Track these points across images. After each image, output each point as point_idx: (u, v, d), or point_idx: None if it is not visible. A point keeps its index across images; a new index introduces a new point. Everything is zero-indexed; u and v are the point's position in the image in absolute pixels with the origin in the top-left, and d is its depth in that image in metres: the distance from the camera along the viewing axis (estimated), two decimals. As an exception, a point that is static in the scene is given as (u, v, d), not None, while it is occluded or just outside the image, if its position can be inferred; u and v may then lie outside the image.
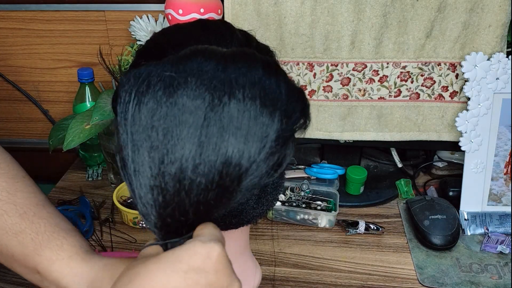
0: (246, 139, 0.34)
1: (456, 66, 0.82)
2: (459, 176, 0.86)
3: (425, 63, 0.82)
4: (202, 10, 0.76)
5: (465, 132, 0.82)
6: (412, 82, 0.84)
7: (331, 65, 0.84)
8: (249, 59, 0.36)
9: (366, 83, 0.84)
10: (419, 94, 0.85)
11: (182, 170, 0.33)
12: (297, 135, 0.39)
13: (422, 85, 0.84)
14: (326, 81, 0.85)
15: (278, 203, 0.86)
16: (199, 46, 0.37)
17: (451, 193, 0.90)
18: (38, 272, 0.45)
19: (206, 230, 0.35)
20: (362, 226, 0.83)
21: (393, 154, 0.97)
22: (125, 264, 0.44)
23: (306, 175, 0.94)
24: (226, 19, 0.81)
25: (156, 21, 0.98)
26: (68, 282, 0.44)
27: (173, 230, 0.36)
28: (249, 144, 0.34)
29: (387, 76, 0.84)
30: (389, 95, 0.85)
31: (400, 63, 0.83)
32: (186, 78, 0.34)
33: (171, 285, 0.32)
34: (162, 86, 0.34)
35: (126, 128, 0.34)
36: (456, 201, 0.86)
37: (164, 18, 0.98)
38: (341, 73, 0.84)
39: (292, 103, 0.36)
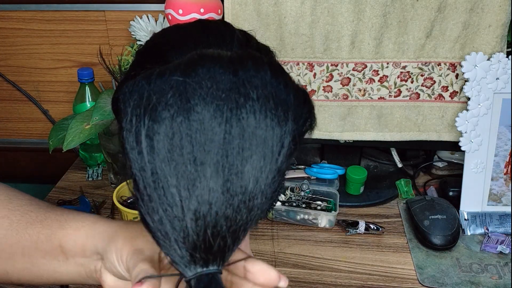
0: (265, 152, 0.33)
1: (456, 66, 0.82)
2: (459, 176, 0.86)
3: (425, 63, 0.82)
4: (202, 10, 0.76)
5: (465, 132, 0.82)
6: (412, 82, 0.84)
7: (331, 65, 0.84)
8: (257, 63, 0.35)
9: (366, 83, 0.84)
10: (419, 94, 0.85)
11: (212, 193, 0.32)
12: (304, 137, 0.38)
13: (422, 85, 0.84)
14: (326, 81, 0.85)
15: (278, 203, 0.86)
16: (205, 51, 0.36)
17: (451, 193, 0.90)
18: (61, 249, 0.46)
19: None
20: (362, 226, 0.83)
21: (393, 154, 0.97)
22: (138, 225, 0.44)
23: (306, 175, 0.94)
24: (226, 19, 0.81)
25: (156, 21, 0.98)
26: (93, 241, 0.45)
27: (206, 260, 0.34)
28: (267, 157, 0.33)
29: (387, 76, 0.84)
30: (389, 95, 0.85)
31: (400, 63, 0.83)
32: (200, 92, 0.32)
33: None
34: (177, 103, 0.32)
35: (141, 153, 0.32)
36: (456, 201, 0.86)
37: (164, 18, 0.98)
38: (341, 73, 0.84)
39: (300, 106, 0.36)
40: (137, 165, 0.33)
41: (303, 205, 0.86)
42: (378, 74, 0.84)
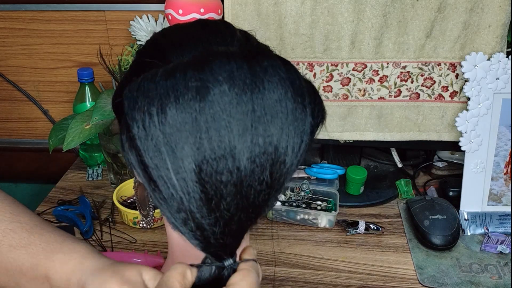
0: (288, 135, 0.33)
1: (456, 66, 0.82)
2: (459, 176, 0.86)
3: (425, 63, 0.82)
4: (202, 10, 0.76)
5: (465, 132, 0.82)
6: (412, 82, 0.84)
7: (331, 65, 0.84)
8: (267, 54, 0.35)
9: (366, 83, 0.84)
10: (419, 94, 0.85)
11: (241, 178, 0.32)
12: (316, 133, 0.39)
13: (422, 85, 0.84)
14: (326, 81, 0.85)
15: (278, 203, 0.86)
16: (214, 48, 0.36)
17: (451, 193, 0.90)
18: (47, 279, 0.45)
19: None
20: (362, 226, 0.83)
21: (393, 154, 0.97)
22: (127, 265, 0.44)
23: (306, 175, 0.94)
24: (226, 19, 0.81)
25: (156, 21, 0.98)
26: (79, 276, 0.44)
27: (227, 243, 0.35)
28: (291, 139, 0.33)
29: (387, 76, 0.84)
30: (389, 95, 0.85)
31: (400, 63, 0.83)
32: (216, 82, 0.32)
33: None
34: (194, 95, 0.32)
35: (153, 142, 0.32)
36: (456, 201, 0.86)
37: (164, 18, 0.98)
38: (341, 73, 0.84)
39: (312, 96, 0.36)
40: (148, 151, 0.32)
41: (303, 205, 0.86)
42: (378, 74, 0.84)
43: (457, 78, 0.83)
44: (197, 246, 0.35)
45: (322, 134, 0.37)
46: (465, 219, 0.85)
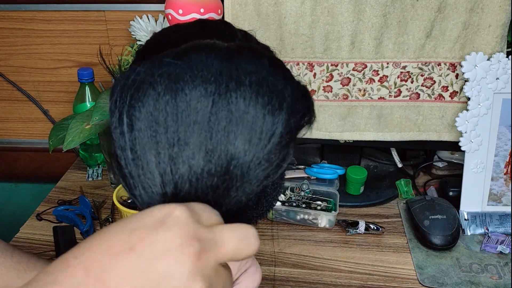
0: (251, 137, 0.33)
1: (456, 66, 0.82)
2: (459, 176, 0.86)
3: (425, 63, 0.82)
4: (202, 10, 0.76)
5: (465, 132, 0.82)
6: (412, 82, 0.84)
7: (331, 65, 0.84)
8: (254, 54, 0.35)
9: (366, 83, 0.84)
10: (419, 94, 0.85)
11: (193, 171, 0.33)
12: (302, 133, 0.38)
13: (422, 85, 0.84)
14: (326, 81, 0.85)
15: (278, 203, 0.86)
16: (201, 41, 0.36)
17: (451, 193, 0.90)
18: None
19: None
20: (362, 226, 0.83)
21: (393, 154, 0.97)
22: None
23: (306, 175, 0.94)
24: (226, 19, 0.81)
25: (156, 21, 0.98)
26: None
27: None
28: (253, 142, 0.33)
29: (387, 76, 0.84)
30: (389, 95, 0.85)
31: (400, 63, 0.83)
32: (190, 74, 0.33)
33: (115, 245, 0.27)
34: (165, 83, 0.33)
35: (123, 133, 0.34)
36: (456, 201, 0.86)
37: (164, 18, 0.98)
38: (341, 73, 0.84)
39: (298, 101, 0.36)
40: (118, 144, 0.34)
41: (303, 205, 0.86)
42: (378, 74, 0.84)
43: (457, 78, 0.83)
44: None
45: (322, 134, 0.37)
46: (465, 219, 0.85)
